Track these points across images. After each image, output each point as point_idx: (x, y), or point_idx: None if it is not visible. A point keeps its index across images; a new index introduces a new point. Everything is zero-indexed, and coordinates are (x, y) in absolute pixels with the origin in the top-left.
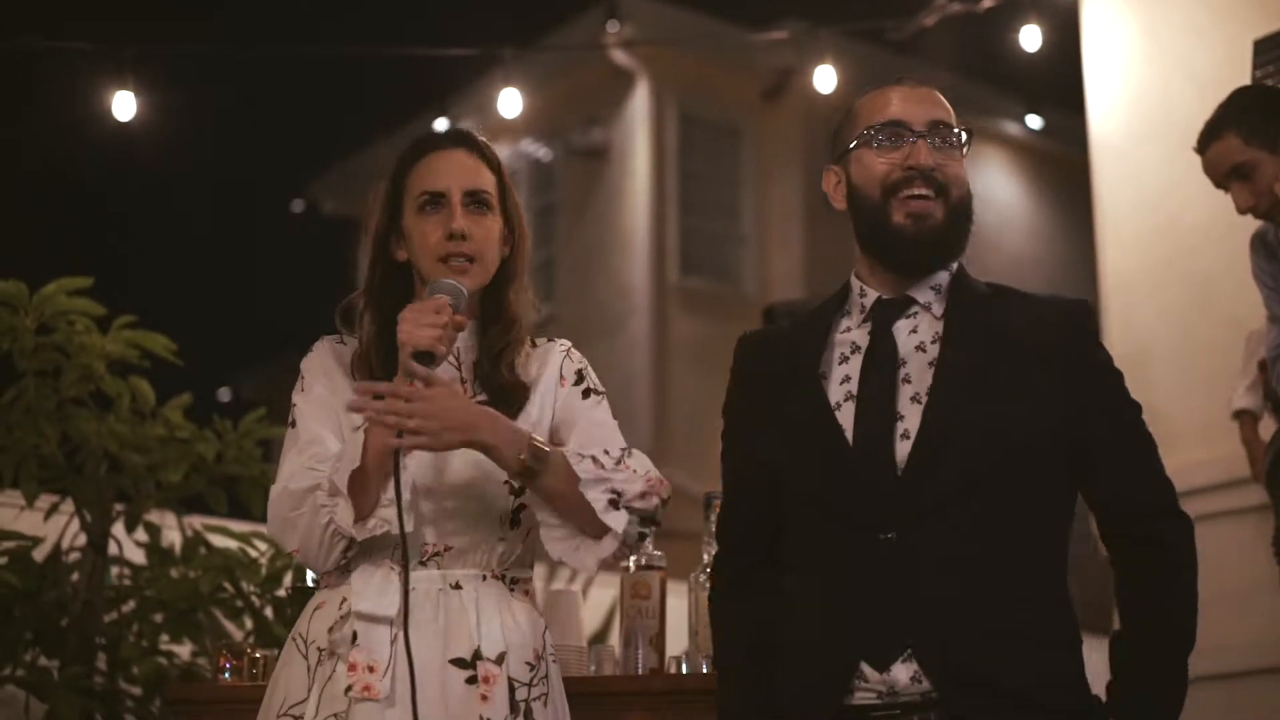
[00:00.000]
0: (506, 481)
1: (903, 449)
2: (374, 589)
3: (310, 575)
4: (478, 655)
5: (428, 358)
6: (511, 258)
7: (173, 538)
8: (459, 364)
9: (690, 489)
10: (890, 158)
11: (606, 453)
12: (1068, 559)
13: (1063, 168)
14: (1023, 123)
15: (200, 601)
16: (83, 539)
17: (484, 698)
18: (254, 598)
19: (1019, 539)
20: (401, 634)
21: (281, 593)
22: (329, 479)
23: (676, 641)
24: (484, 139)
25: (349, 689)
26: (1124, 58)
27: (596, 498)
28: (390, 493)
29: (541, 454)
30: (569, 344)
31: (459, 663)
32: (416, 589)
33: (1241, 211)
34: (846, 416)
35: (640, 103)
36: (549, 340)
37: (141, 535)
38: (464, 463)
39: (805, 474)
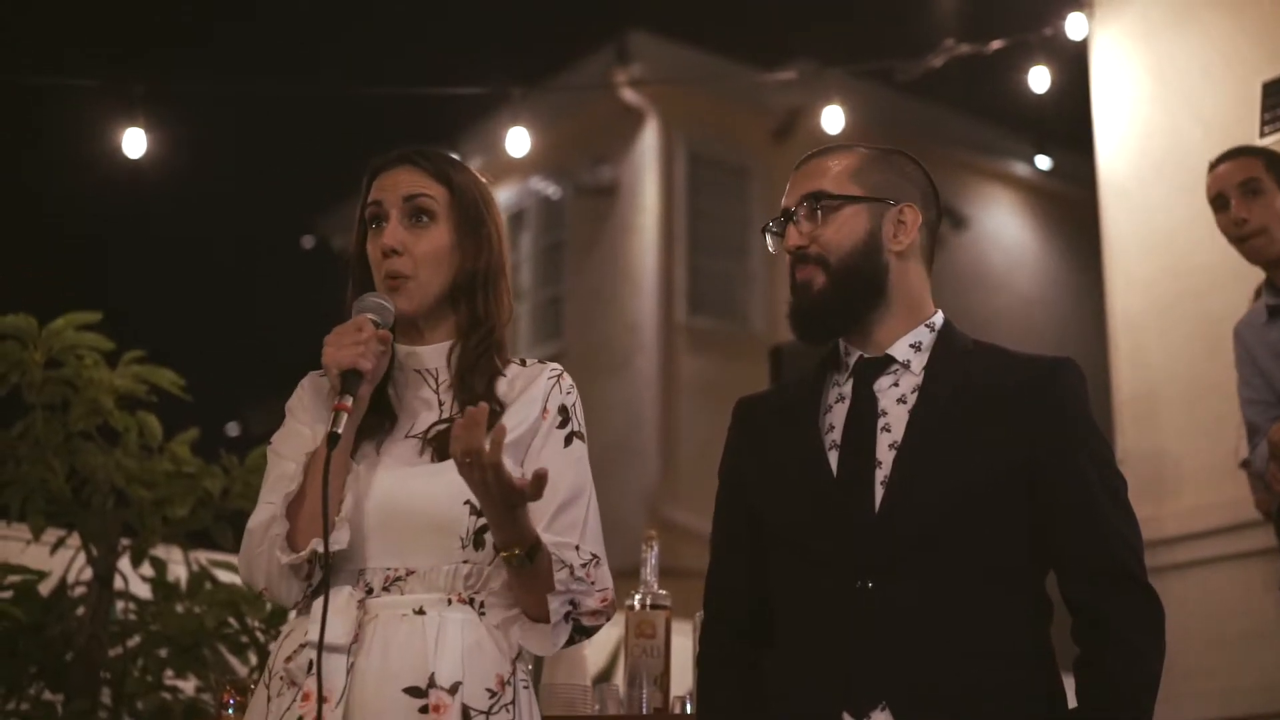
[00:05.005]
0: (467, 501)
1: (879, 493)
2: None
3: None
4: (431, 683)
5: (355, 376)
6: (476, 265)
7: (178, 572)
8: (436, 384)
9: (696, 527)
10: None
11: (577, 549)
12: (1048, 608)
13: (1071, 208)
14: (1031, 163)
15: (205, 636)
16: (89, 573)
17: None
18: (259, 633)
19: (989, 590)
20: (355, 662)
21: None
22: (281, 507)
23: (681, 680)
24: (441, 153)
25: (300, 719)
26: (1132, 99)
27: (556, 609)
28: (340, 514)
29: (535, 555)
30: (560, 369)
31: (413, 691)
32: (379, 615)
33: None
34: (830, 462)
35: (649, 141)
36: (540, 362)
37: (147, 570)
38: (423, 483)
39: (789, 513)
